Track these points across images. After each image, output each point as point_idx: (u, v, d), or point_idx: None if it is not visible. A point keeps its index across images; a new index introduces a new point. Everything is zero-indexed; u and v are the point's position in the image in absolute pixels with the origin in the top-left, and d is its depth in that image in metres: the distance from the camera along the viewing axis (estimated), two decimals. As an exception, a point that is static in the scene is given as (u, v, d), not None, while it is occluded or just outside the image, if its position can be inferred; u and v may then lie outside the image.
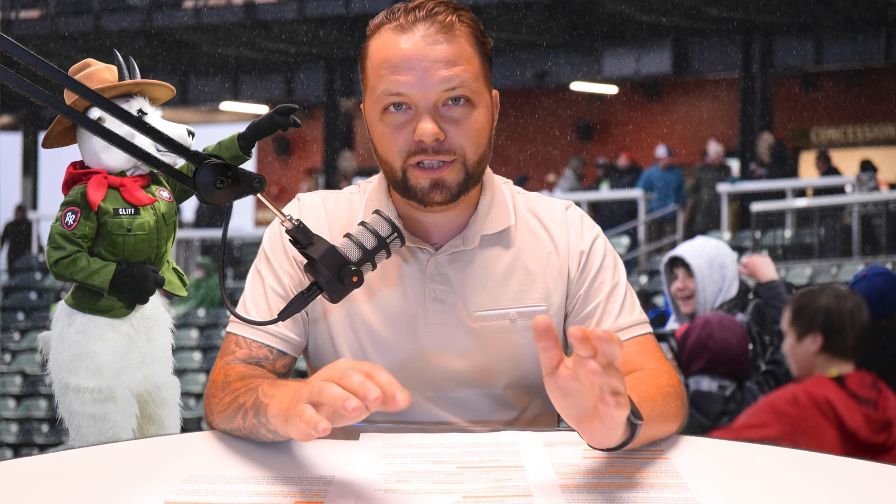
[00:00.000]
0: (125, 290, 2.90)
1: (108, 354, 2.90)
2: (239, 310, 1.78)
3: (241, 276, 13.63)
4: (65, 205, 2.91)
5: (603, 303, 1.79)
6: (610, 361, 1.29)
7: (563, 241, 1.82)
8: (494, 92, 1.76)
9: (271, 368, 1.75)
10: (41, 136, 2.95)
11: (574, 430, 1.40)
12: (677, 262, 4.33)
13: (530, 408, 1.84)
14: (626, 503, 1.34)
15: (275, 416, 1.44)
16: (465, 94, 1.68)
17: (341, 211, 1.82)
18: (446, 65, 1.67)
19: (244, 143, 2.91)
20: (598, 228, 1.85)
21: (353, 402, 1.29)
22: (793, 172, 15.30)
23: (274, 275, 1.78)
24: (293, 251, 1.75)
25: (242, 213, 18.00)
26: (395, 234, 1.60)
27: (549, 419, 1.89)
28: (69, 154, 2.96)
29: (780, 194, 13.42)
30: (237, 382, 1.62)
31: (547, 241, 1.82)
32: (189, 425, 9.63)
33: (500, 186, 1.84)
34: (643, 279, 12.55)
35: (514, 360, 1.79)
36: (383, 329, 1.77)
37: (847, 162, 15.12)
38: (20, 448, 12.02)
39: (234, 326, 1.77)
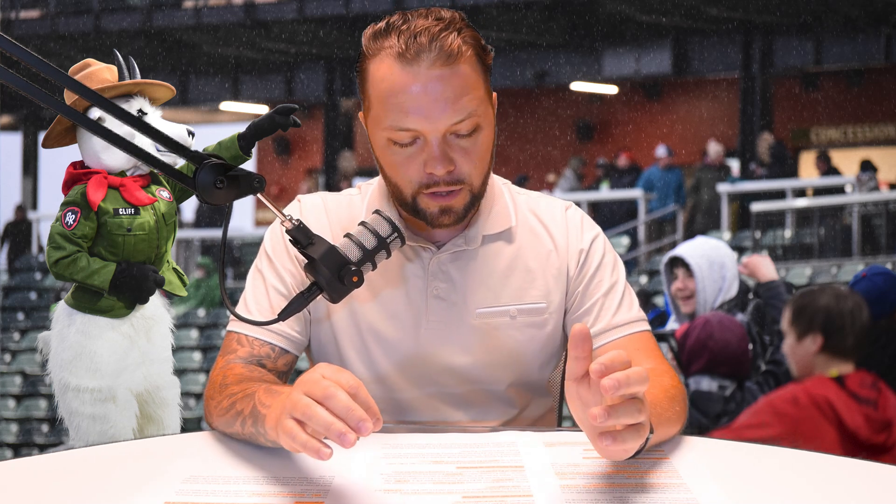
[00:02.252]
0: (125, 290, 2.90)
1: (107, 354, 2.89)
2: (240, 308, 1.78)
3: (241, 276, 13.62)
4: (65, 205, 2.90)
5: (601, 300, 1.80)
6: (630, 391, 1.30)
7: (562, 241, 1.82)
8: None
9: (272, 367, 1.74)
10: (41, 136, 2.94)
11: (575, 431, 1.40)
12: (677, 262, 4.33)
13: (530, 406, 1.84)
14: (627, 503, 1.34)
15: (272, 429, 1.44)
16: (473, 123, 1.67)
17: (342, 212, 1.82)
18: (454, 99, 1.65)
19: (244, 143, 2.91)
20: (597, 228, 1.86)
21: (351, 437, 1.30)
22: (793, 172, 15.30)
23: (276, 273, 1.78)
24: (295, 250, 1.74)
25: (242, 213, 18.00)
26: (395, 234, 1.60)
27: (549, 419, 1.90)
28: (69, 154, 2.96)
29: (780, 194, 13.42)
30: (234, 386, 1.61)
31: (547, 239, 1.82)
32: (189, 425, 9.63)
33: (500, 187, 1.85)
34: (643, 279, 12.55)
35: (514, 357, 1.80)
36: (386, 327, 1.78)
37: (847, 162, 15.12)
38: (20, 448, 12.02)
39: (234, 325, 1.76)
